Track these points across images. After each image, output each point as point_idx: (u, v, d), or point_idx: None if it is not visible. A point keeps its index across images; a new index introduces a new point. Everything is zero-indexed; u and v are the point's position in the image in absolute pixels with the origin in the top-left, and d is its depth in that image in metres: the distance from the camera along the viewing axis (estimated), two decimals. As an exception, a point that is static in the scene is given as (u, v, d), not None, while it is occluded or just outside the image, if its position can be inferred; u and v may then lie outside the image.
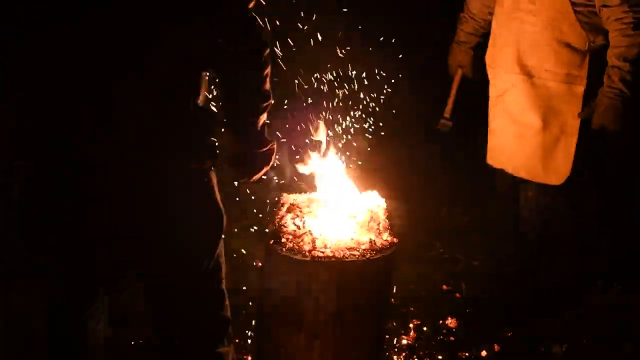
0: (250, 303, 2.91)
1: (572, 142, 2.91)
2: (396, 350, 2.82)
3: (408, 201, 3.79)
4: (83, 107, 1.64)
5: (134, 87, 1.68)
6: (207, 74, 1.84)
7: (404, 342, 2.89)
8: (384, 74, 4.47)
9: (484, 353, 2.82)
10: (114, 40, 1.64)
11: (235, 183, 2.58)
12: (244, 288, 3.05)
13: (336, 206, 2.33)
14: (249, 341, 2.76)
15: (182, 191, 1.81)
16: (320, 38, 3.75)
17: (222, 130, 1.94)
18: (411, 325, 2.99)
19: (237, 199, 3.68)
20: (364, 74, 4.11)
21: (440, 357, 2.80)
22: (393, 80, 4.68)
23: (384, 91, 4.57)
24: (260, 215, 3.54)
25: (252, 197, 3.65)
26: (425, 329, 2.98)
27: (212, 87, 2.04)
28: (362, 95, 4.17)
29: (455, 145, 4.36)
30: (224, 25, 1.76)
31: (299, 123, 2.90)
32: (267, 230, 2.32)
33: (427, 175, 4.41)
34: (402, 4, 4.74)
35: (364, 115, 4.10)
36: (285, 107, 3.28)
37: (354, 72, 4.02)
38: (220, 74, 1.83)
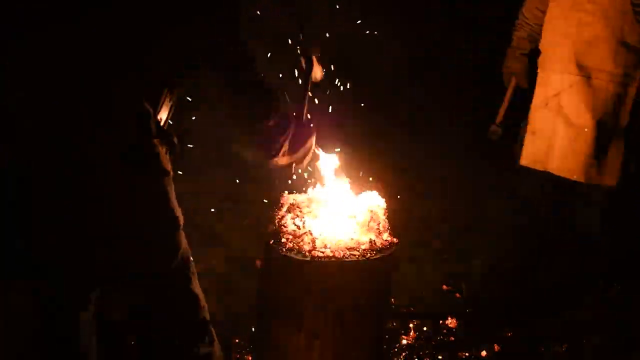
0: (250, 303, 2.91)
1: (623, 142, 2.95)
2: (396, 350, 2.83)
3: (408, 201, 3.79)
4: (83, 107, 1.64)
5: (134, 87, 1.68)
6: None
7: (404, 342, 2.89)
8: (385, 74, 4.48)
9: (484, 353, 2.82)
10: (114, 40, 1.64)
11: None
12: (244, 288, 3.06)
13: (336, 206, 2.33)
14: (249, 341, 2.76)
15: (172, 190, 1.82)
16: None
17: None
18: (411, 325, 2.99)
19: (237, 199, 3.69)
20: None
21: (440, 357, 2.80)
22: (393, 80, 4.68)
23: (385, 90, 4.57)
24: (260, 216, 3.54)
25: (252, 197, 3.66)
26: (425, 329, 2.98)
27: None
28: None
29: (455, 144, 4.37)
30: (224, 25, 1.76)
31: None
32: (267, 230, 2.32)
33: (428, 175, 4.42)
34: (402, 4, 4.75)
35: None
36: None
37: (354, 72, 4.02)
38: (219, 75, 1.83)
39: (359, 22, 4.16)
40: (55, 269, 1.75)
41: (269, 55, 3.06)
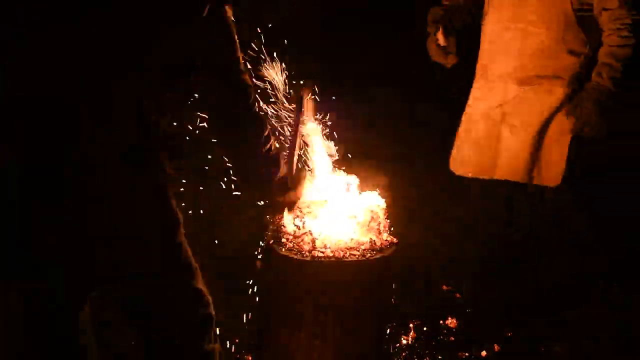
0: (251, 303, 2.91)
1: (566, 141, 2.94)
2: (396, 350, 2.82)
3: (408, 200, 3.79)
4: (83, 107, 1.64)
5: (134, 87, 1.68)
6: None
7: (404, 342, 2.89)
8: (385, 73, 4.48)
9: (484, 353, 2.82)
10: (114, 41, 1.64)
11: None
12: (244, 288, 3.05)
13: (336, 206, 2.33)
14: (249, 341, 2.76)
15: (171, 191, 1.82)
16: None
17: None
18: (411, 325, 2.99)
19: (237, 198, 3.68)
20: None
21: (440, 357, 2.80)
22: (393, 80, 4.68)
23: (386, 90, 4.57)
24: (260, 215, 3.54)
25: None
26: (425, 329, 2.98)
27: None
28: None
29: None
30: (224, 25, 1.76)
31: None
32: (267, 230, 2.32)
33: (427, 175, 4.41)
34: (402, 4, 4.75)
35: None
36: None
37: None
38: (219, 75, 1.83)
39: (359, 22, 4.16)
40: (55, 269, 1.75)
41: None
